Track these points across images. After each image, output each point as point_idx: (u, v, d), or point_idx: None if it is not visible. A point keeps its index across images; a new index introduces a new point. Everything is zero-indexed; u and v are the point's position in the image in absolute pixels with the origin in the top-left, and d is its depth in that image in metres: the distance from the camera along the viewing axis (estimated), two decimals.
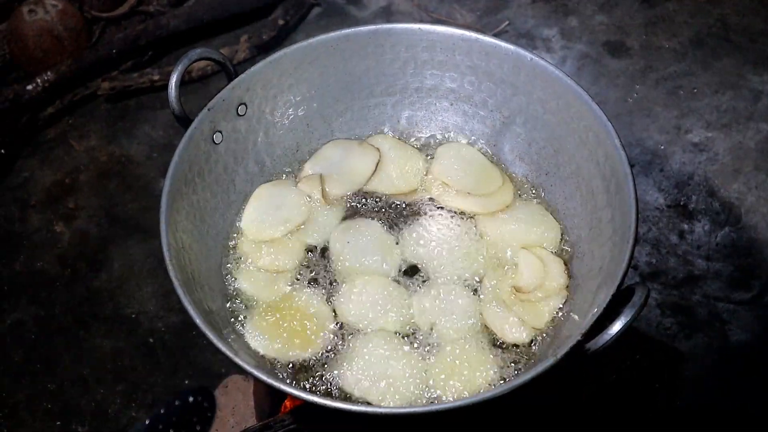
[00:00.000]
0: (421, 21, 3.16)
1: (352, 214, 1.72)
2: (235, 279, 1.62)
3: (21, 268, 2.62)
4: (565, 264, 1.59)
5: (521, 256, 1.60)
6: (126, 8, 3.31)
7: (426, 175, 1.76)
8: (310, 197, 1.71)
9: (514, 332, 1.52)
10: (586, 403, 1.81)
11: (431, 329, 1.54)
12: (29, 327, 2.50)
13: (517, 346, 1.51)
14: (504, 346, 1.52)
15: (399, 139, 1.83)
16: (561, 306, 1.54)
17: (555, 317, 1.53)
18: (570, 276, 1.57)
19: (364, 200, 1.73)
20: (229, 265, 1.64)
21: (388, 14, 3.33)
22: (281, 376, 1.49)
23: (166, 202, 1.48)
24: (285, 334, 1.53)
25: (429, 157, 1.79)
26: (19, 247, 2.67)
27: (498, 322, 1.54)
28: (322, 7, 3.40)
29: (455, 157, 1.77)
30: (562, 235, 1.65)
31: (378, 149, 1.78)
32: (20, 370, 2.45)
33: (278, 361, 1.50)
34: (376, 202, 1.73)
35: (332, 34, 1.73)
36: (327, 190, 1.73)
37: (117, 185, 2.84)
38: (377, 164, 1.76)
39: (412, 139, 1.84)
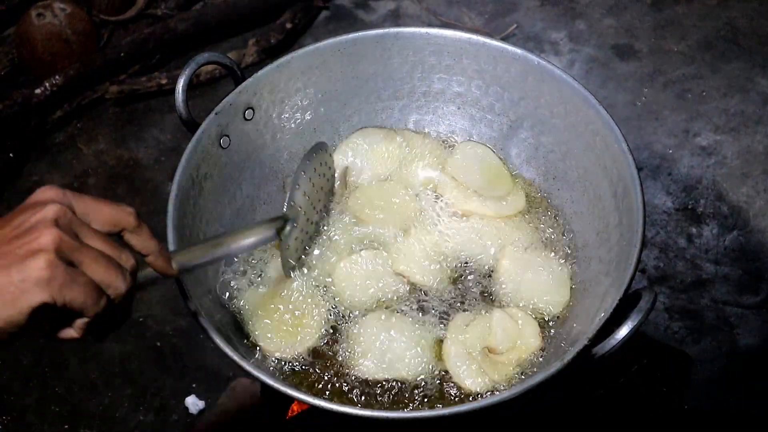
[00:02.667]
0: (429, 25, 3.17)
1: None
2: (243, 281, 1.62)
3: None
4: (540, 327, 1.52)
5: (495, 316, 1.53)
6: (134, 12, 3.32)
7: (441, 170, 1.75)
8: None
9: (471, 381, 1.46)
10: (593, 406, 1.81)
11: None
12: None
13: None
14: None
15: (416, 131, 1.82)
16: (529, 366, 1.48)
17: (522, 373, 1.47)
18: (544, 338, 1.51)
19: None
20: (236, 268, 1.64)
21: (395, 18, 3.34)
22: (287, 380, 1.49)
23: (174, 206, 1.48)
24: (289, 331, 1.52)
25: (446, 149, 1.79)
26: None
27: (456, 369, 1.48)
28: (329, 11, 3.41)
29: (470, 154, 1.76)
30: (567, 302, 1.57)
31: (398, 137, 1.77)
32: (29, 373, 2.46)
33: (285, 359, 1.50)
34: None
35: (340, 38, 1.73)
36: (349, 180, 1.73)
37: (125, 189, 2.85)
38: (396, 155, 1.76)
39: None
